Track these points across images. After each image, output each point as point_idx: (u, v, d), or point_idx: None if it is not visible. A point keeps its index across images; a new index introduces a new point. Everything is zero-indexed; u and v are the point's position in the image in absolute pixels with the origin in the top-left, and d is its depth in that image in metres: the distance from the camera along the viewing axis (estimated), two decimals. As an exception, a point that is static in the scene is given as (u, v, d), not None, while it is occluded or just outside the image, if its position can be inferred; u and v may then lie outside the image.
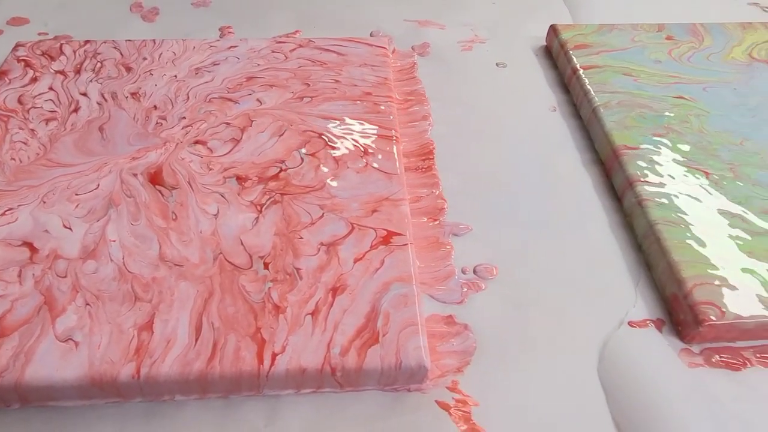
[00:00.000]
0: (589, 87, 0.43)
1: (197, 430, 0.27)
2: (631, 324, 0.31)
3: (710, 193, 0.36)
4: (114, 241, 0.32)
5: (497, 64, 0.48)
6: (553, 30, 0.49)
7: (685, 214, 0.35)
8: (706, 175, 0.37)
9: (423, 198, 0.38)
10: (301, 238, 0.33)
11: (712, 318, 0.30)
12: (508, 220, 0.37)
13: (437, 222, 0.36)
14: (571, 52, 0.46)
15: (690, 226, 0.34)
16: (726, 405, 0.28)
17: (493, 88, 0.46)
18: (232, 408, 0.28)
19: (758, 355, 0.30)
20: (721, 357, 0.30)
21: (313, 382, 0.28)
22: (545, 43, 0.51)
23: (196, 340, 0.28)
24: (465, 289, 0.33)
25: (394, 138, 0.39)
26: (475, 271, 0.34)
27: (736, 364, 0.30)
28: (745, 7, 0.57)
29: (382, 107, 0.41)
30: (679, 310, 0.31)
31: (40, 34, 0.49)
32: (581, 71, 0.45)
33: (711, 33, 0.49)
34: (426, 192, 0.38)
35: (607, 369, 0.30)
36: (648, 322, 0.32)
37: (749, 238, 0.34)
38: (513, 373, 0.29)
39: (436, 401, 0.28)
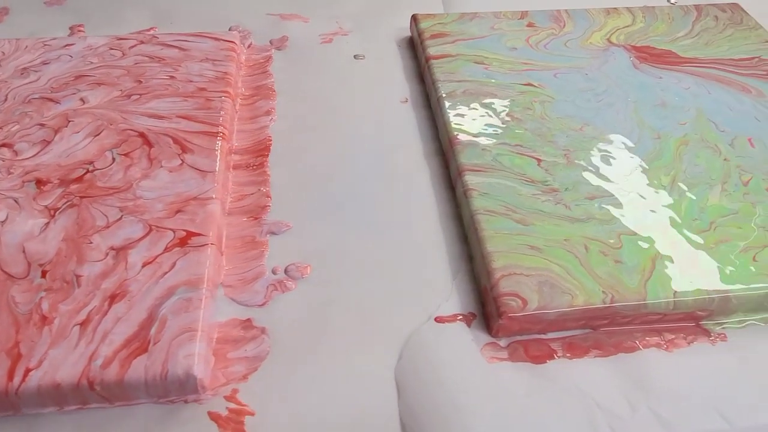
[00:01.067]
0: (437, 76, 0.42)
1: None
2: (438, 319, 0.30)
3: (537, 181, 0.35)
4: None
5: (355, 56, 0.47)
6: (414, 20, 0.48)
7: (508, 203, 0.33)
8: (538, 162, 0.36)
9: (248, 196, 0.36)
10: (91, 242, 0.31)
11: (513, 310, 0.29)
12: (333, 217, 0.35)
13: (257, 221, 0.35)
14: (426, 41, 0.45)
15: (511, 216, 0.33)
16: (517, 400, 0.27)
17: (346, 81, 0.45)
18: (-16, 430, 0.26)
19: (565, 347, 0.29)
20: (525, 350, 0.29)
21: (74, 398, 0.26)
22: (410, 34, 0.50)
23: (-56, 358, 0.26)
24: (271, 291, 0.31)
25: (220, 134, 0.37)
26: (286, 271, 0.32)
27: (540, 356, 0.29)
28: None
29: (214, 103, 0.39)
30: (487, 303, 0.30)
31: None
32: (432, 61, 0.43)
33: (574, 19, 0.48)
34: (252, 190, 0.36)
35: (405, 368, 0.28)
36: (458, 316, 0.30)
37: (570, 225, 0.33)
38: (303, 378, 0.28)
39: (208, 412, 0.26)
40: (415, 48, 0.48)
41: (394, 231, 0.34)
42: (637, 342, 0.29)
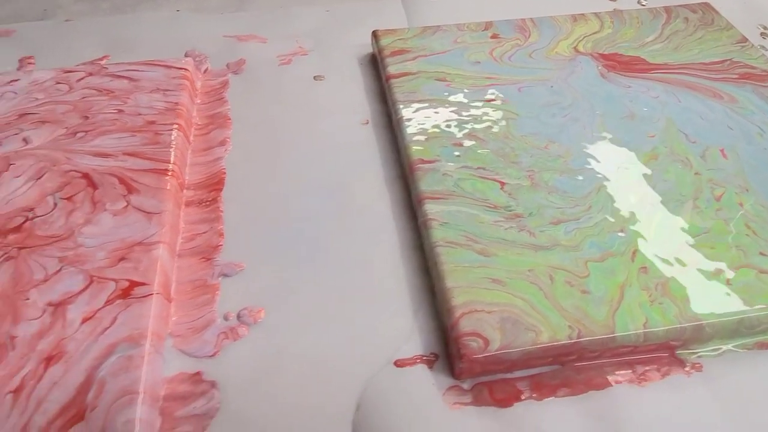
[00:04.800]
0: (397, 96, 0.40)
1: None
2: (397, 363, 0.28)
3: (499, 207, 0.33)
4: None
5: (315, 78, 0.45)
6: (374, 36, 0.46)
7: (469, 232, 0.32)
8: (501, 185, 0.34)
9: (199, 236, 0.34)
10: (27, 299, 0.29)
11: (474, 351, 0.27)
12: (287, 253, 0.33)
13: (209, 262, 0.33)
14: (387, 59, 0.44)
15: (472, 247, 0.31)
16: (479, 451, 0.25)
17: (305, 104, 0.43)
18: None
19: (532, 387, 0.28)
20: (490, 393, 0.28)
21: (6, 473, 0.25)
22: (372, 51, 0.48)
23: None
24: (221, 339, 0.30)
25: (169, 172, 0.35)
26: (238, 317, 0.30)
27: (506, 399, 0.27)
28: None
29: (164, 137, 0.38)
30: (448, 343, 0.29)
31: None
32: (392, 80, 0.42)
33: (539, 28, 0.47)
34: (205, 228, 0.35)
35: (362, 420, 0.27)
36: (418, 358, 0.29)
37: (534, 254, 0.31)
38: (252, 436, 0.26)
39: (150, 481, 0.25)
40: (376, 66, 0.46)
41: (353, 266, 0.33)
42: (608, 377, 0.28)
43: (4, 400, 0.25)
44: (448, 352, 0.29)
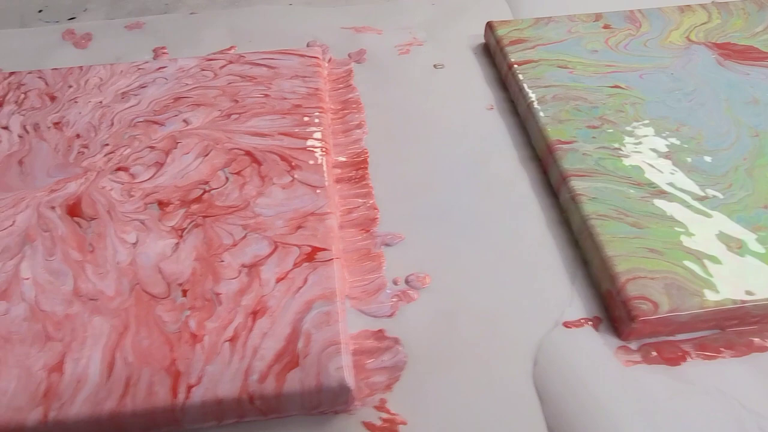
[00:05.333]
0: (523, 83, 0.43)
1: (112, 472, 0.26)
2: (566, 324, 0.31)
3: (643, 184, 0.35)
4: (27, 279, 0.31)
5: (435, 66, 0.48)
6: (489, 27, 0.49)
7: (620, 207, 0.34)
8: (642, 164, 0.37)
9: (355, 209, 0.37)
10: (222, 261, 0.32)
11: (645, 313, 0.29)
12: (441, 226, 0.36)
13: (369, 233, 0.36)
14: (506, 48, 0.46)
15: (624, 219, 0.33)
16: (661, 403, 0.27)
17: (430, 91, 0.46)
18: (149, 446, 0.27)
19: (697, 348, 0.30)
20: (658, 352, 0.29)
21: (233, 412, 0.27)
22: (484, 41, 0.50)
23: (108, 377, 0.27)
24: (396, 301, 0.32)
25: (323, 150, 0.38)
26: (407, 282, 0.33)
27: (674, 358, 0.29)
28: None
29: (311, 119, 0.40)
30: (614, 307, 0.31)
31: (-33, 68, 0.49)
32: (516, 67, 0.44)
33: (649, 19, 0.49)
34: (359, 203, 0.37)
35: (542, 373, 0.29)
36: (584, 321, 0.31)
37: (685, 226, 0.33)
38: (444, 385, 0.28)
39: (362, 422, 0.27)
40: (491, 55, 0.48)
41: (504, 238, 0.35)
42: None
43: (222, 348, 0.28)
44: (612, 315, 0.31)
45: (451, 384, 0.28)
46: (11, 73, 0.45)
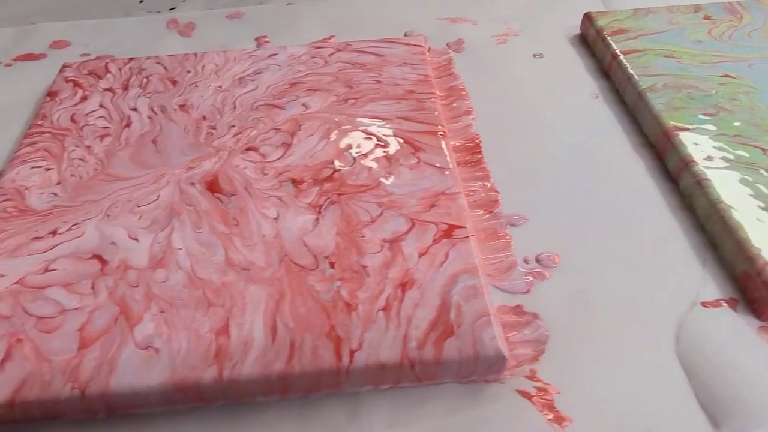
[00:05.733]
0: (632, 71, 0.43)
1: (282, 429, 0.27)
2: (704, 304, 0.31)
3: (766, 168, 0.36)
4: (180, 249, 0.33)
5: (534, 55, 0.48)
6: (587, 18, 0.49)
7: (747, 190, 0.34)
8: (763, 151, 0.37)
9: (476, 191, 0.38)
10: (363, 236, 0.33)
11: (789, 293, 0.29)
12: (562, 208, 0.36)
13: (493, 214, 0.36)
14: (609, 38, 0.46)
15: (753, 202, 0.34)
16: (813, 380, 0.27)
17: (532, 79, 0.46)
18: (313, 406, 0.28)
19: (839, 329, 0.30)
20: (800, 332, 0.30)
21: (392, 377, 0.28)
22: (579, 32, 0.51)
23: (273, 341, 0.28)
24: (530, 279, 0.33)
25: (442, 134, 0.39)
26: (537, 260, 0.34)
27: (817, 338, 0.30)
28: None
29: (426, 104, 0.41)
30: (752, 288, 0.31)
31: (82, 55, 0.50)
32: (622, 56, 0.44)
33: (749, 10, 0.49)
34: (478, 185, 0.38)
35: (686, 350, 0.29)
36: (721, 301, 0.31)
37: (816, 211, 0.33)
38: (589, 359, 0.29)
39: (516, 390, 0.28)
40: (590, 45, 0.49)
41: (625, 221, 0.36)
42: None
43: (377, 317, 0.29)
44: (750, 296, 0.31)
45: (597, 357, 0.29)
46: (130, 59, 0.46)
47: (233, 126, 0.40)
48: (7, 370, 0.28)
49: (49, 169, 0.37)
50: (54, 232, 0.33)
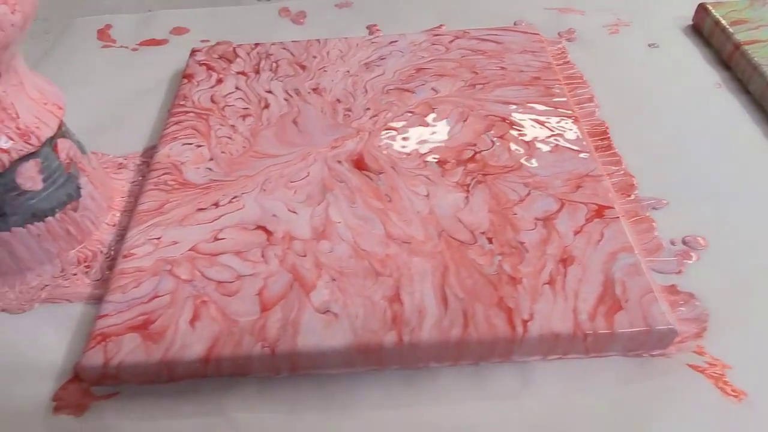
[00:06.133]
0: (758, 61, 0.43)
1: (457, 394, 0.28)
2: None
3: None
4: (339, 222, 0.34)
5: (649, 45, 0.49)
6: (702, 8, 0.49)
7: None
8: None
9: (611, 175, 0.38)
10: (515, 214, 0.34)
11: None
12: (701, 192, 0.37)
13: (632, 197, 0.37)
14: (729, 28, 0.46)
15: None
16: None
17: (649, 68, 0.47)
18: (485, 374, 0.29)
19: None
20: None
21: (562, 347, 0.29)
22: (692, 22, 0.51)
23: (446, 309, 0.29)
24: (681, 259, 0.33)
25: (574, 119, 0.40)
26: (684, 242, 0.34)
27: None
28: None
29: (554, 90, 0.42)
30: None
31: (202, 41, 0.53)
32: (745, 46, 0.44)
33: None
34: (612, 170, 0.39)
35: None
36: None
37: None
38: (756, 336, 0.30)
39: (687, 365, 0.28)
40: (705, 36, 0.49)
41: (766, 206, 0.36)
42: None
43: (543, 290, 0.30)
44: None
45: (764, 335, 0.29)
46: (256, 44, 0.48)
47: (368, 108, 0.41)
48: (197, 328, 0.29)
49: (199, 146, 0.39)
50: (216, 204, 0.35)
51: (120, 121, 0.45)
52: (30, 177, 0.32)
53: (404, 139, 0.39)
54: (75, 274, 0.34)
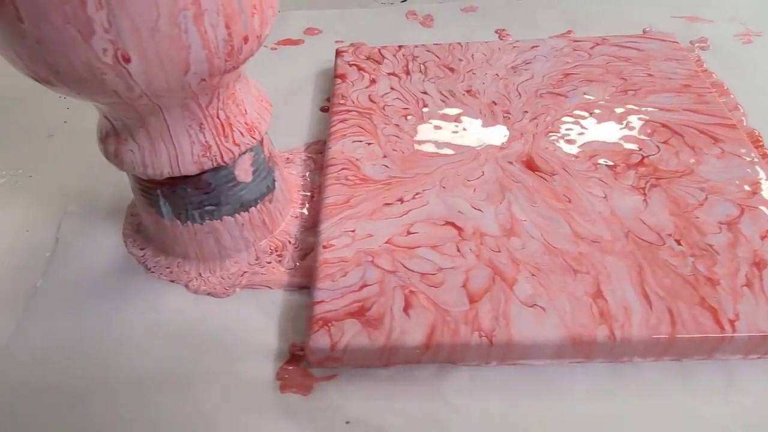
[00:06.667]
0: None
1: (662, 388, 0.30)
2: None
3: None
4: (525, 221, 0.35)
5: (788, 55, 0.50)
6: (838, 20, 0.50)
7: None
8: None
9: (773, 182, 0.39)
10: (698, 218, 0.35)
11: None
12: None
13: (798, 205, 0.38)
14: None
15: None
16: None
17: (791, 79, 0.48)
18: (689, 370, 0.30)
19: None
20: None
21: (765, 347, 0.30)
22: (824, 34, 0.52)
23: (650, 307, 0.31)
24: None
25: (731, 125, 0.41)
26: None
27: None
28: None
29: (707, 97, 0.43)
30: None
31: (337, 42, 0.54)
32: None
33: None
34: (773, 177, 0.40)
35: None
36: None
37: None
38: None
39: None
40: (842, 47, 0.50)
41: None
42: None
43: (743, 291, 0.31)
44: None
45: None
46: (400, 47, 0.50)
47: (526, 111, 0.43)
48: (412, 317, 0.31)
49: (370, 143, 0.41)
50: (401, 200, 0.37)
51: (274, 118, 0.47)
52: (244, 169, 0.33)
53: (568, 142, 0.40)
54: (269, 262, 0.36)
